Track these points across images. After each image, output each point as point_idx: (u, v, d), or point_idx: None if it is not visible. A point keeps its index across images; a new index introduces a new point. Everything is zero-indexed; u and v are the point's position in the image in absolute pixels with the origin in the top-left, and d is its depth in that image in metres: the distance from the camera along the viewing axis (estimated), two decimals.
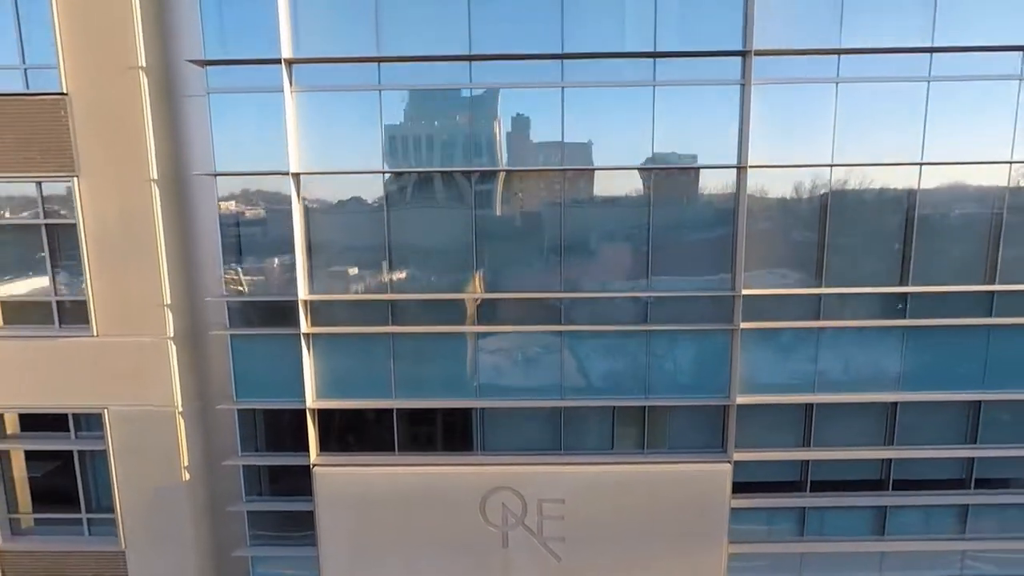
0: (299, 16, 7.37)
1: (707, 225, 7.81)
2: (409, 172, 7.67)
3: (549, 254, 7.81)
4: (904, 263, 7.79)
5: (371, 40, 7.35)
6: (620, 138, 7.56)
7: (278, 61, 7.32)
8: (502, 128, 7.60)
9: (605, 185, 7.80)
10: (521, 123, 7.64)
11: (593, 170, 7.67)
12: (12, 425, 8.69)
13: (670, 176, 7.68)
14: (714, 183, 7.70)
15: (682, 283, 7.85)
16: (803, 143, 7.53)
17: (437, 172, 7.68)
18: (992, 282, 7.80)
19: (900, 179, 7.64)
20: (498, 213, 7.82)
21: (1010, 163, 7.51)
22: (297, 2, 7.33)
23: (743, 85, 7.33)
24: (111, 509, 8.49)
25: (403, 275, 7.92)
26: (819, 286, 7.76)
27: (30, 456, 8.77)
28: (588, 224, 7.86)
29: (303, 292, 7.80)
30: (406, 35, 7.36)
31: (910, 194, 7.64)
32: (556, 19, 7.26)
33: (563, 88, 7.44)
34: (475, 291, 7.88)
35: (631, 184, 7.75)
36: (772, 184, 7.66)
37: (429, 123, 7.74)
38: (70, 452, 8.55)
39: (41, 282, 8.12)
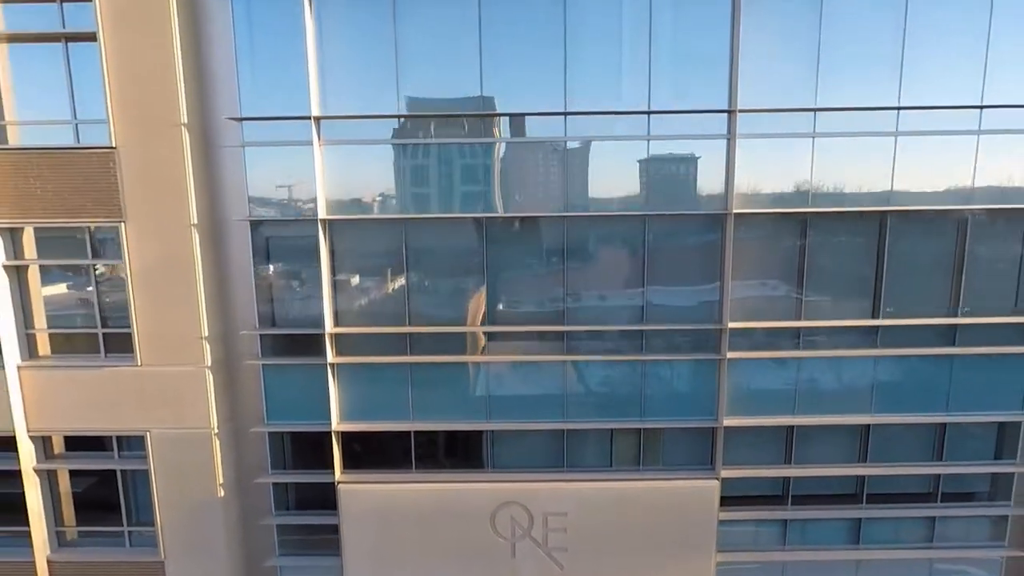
0: (326, 76, 8.13)
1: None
2: (427, 218, 8.43)
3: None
4: (876, 297, 8.59)
5: (392, 97, 8.12)
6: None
7: (308, 118, 8.09)
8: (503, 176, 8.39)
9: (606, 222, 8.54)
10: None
11: (596, 216, 8.44)
12: (58, 445, 9.44)
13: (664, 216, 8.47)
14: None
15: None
16: (785, 181, 8.31)
17: (453, 218, 8.45)
18: (955, 315, 8.61)
19: (871, 223, 8.45)
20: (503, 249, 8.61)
21: (971, 209, 8.31)
22: (325, 63, 8.09)
23: (729, 139, 8.12)
24: (151, 522, 9.25)
25: (420, 309, 8.69)
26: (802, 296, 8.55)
27: (72, 472, 9.53)
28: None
29: (329, 326, 8.56)
30: (423, 92, 8.14)
31: (880, 239, 8.44)
32: (560, 80, 8.04)
33: (566, 142, 8.24)
34: (484, 321, 8.66)
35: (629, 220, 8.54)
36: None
37: (446, 169, 8.48)
38: (110, 470, 9.32)
39: (88, 315, 8.88)
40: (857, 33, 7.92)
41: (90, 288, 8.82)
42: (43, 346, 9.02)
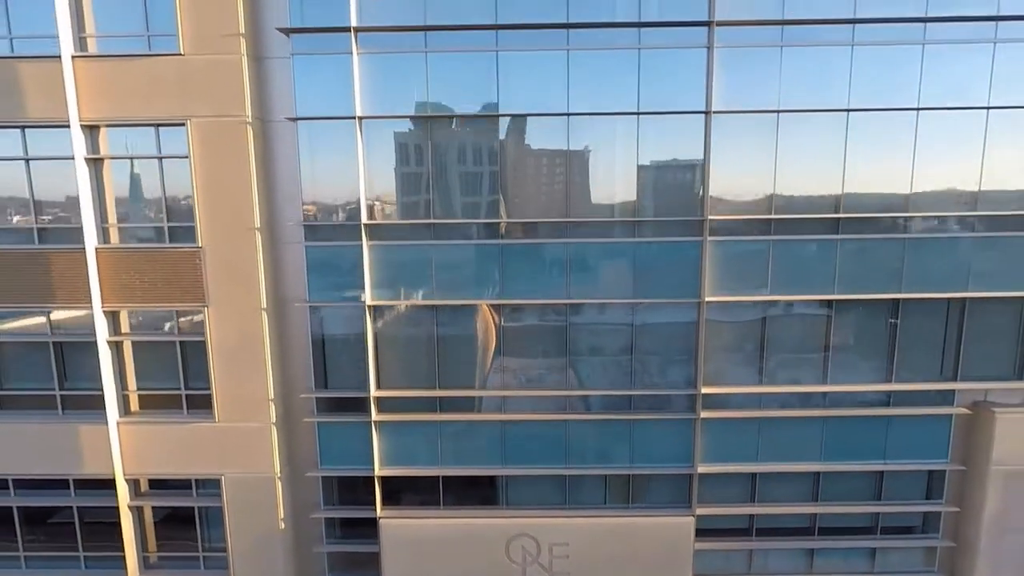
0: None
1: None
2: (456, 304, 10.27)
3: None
4: (824, 369, 10.41)
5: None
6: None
7: (357, 223, 9.93)
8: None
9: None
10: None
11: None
12: (144, 485, 11.32)
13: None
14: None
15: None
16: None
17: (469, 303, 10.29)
18: (890, 381, 10.42)
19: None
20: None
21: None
22: (372, 179, 9.92)
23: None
24: (221, 548, 11.14)
25: (446, 378, 10.54)
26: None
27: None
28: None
29: (373, 390, 10.42)
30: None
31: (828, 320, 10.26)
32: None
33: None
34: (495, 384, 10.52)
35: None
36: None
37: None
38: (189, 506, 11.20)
39: (174, 379, 10.76)
40: None
41: (174, 356, 10.69)
42: (134, 404, 10.91)
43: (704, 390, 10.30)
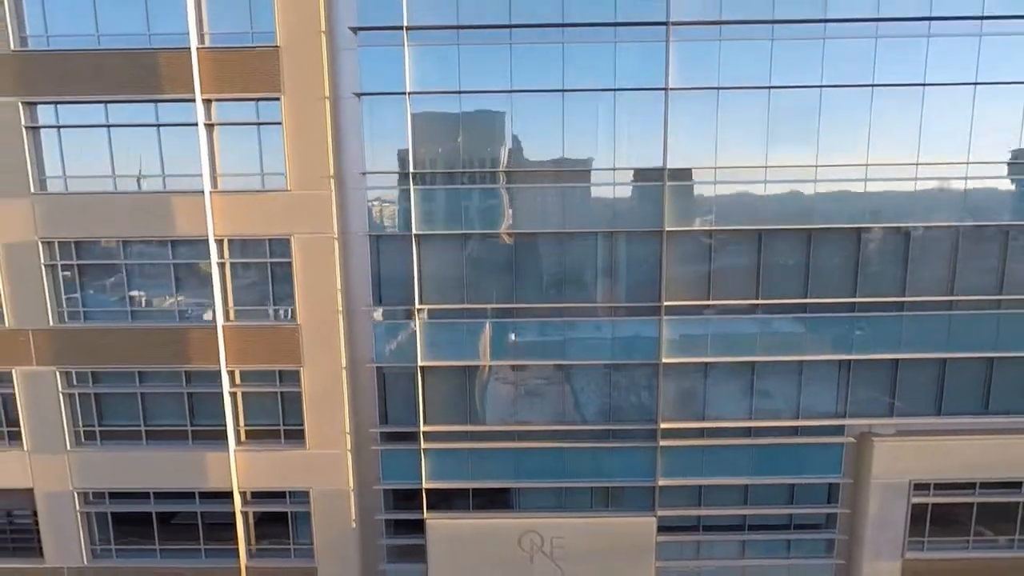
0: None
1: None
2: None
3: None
4: (751, 396, 14.32)
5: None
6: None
7: (410, 308, 13.79)
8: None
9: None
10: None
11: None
12: (249, 495, 15.17)
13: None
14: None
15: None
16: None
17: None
18: (798, 417, 14.33)
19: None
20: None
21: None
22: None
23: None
24: (307, 542, 15.03)
25: (478, 413, 14.44)
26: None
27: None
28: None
29: (422, 426, 14.30)
30: None
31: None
32: None
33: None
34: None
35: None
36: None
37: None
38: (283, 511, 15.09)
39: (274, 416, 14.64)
40: None
41: (275, 402, 14.57)
42: (243, 436, 14.78)
43: (663, 425, 14.21)
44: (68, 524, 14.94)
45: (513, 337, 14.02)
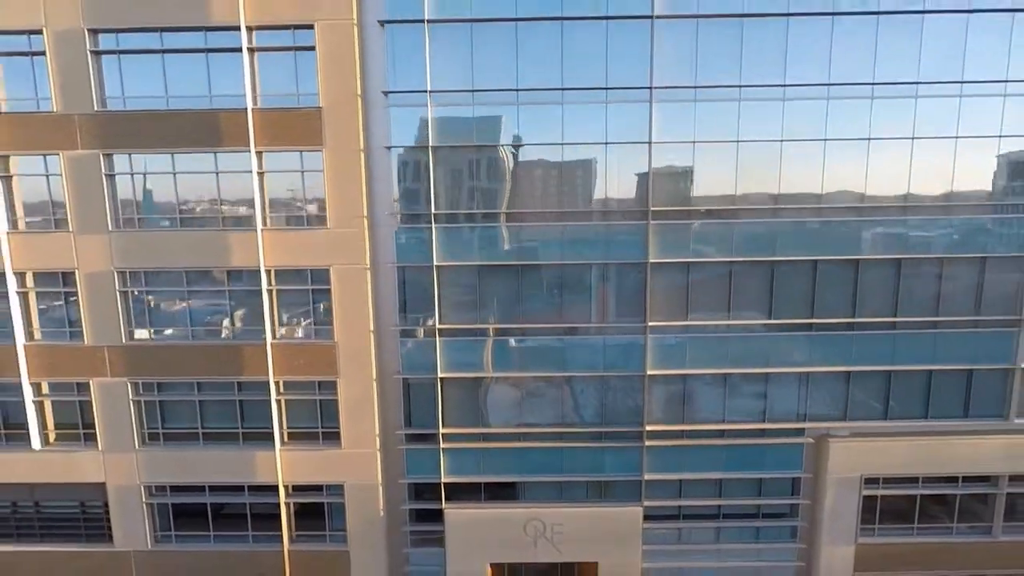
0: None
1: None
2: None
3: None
4: (724, 404, 16.64)
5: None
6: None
7: (434, 327, 16.13)
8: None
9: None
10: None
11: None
12: (290, 489, 17.49)
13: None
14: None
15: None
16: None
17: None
18: (764, 421, 16.64)
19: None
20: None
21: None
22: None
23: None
24: (341, 528, 17.37)
25: (489, 416, 16.76)
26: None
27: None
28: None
29: (441, 428, 16.62)
30: None
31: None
32: None
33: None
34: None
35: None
36: None
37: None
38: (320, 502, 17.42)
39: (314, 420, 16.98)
40: None
41: (314, 408, 16.90)
42: (286, 437, 17.12)
43: (648, 427, 16.53)
44: (135, 513, 17.30)
45: (517, 352, 16.35)
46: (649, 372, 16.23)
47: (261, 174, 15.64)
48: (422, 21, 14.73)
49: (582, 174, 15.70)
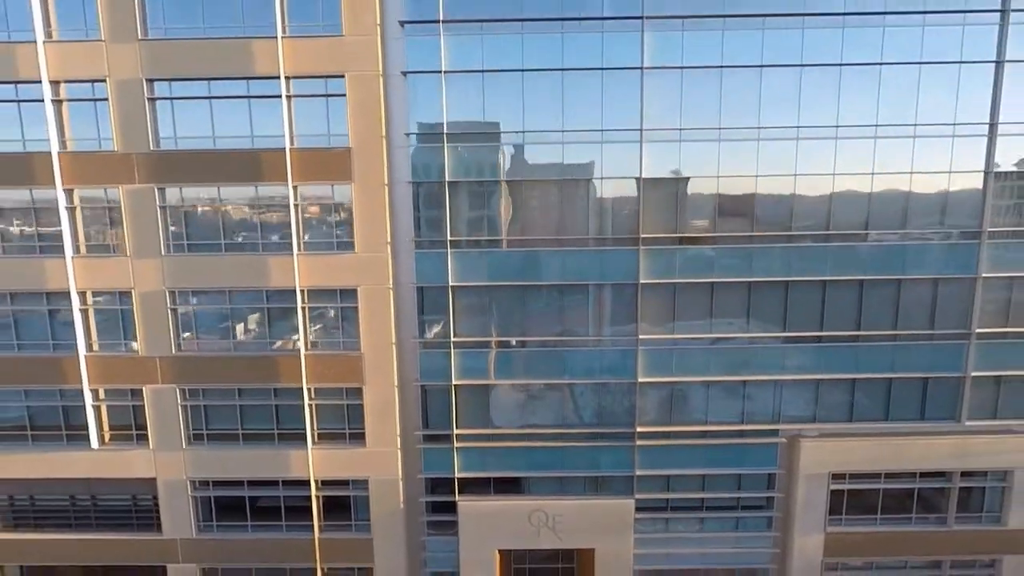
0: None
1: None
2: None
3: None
4: (707, 407, 18.69)
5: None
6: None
7: (448, 340, 18.19)
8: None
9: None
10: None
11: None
12: (320, 484, 19.54)
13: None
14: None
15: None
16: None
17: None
18: (743, 423, 18.68)
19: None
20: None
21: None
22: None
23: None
24: (365, 519, 19.43)
25: (496, 418, 18.81)
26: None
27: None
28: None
29: (455, 429, 18.67)
30: None
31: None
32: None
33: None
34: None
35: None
36: None
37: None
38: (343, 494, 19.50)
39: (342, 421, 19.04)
40: None
41: (342, 411, 18.96)
42: (316, 437, 19.16)
43: (639, 428, 18.59)
44: (181, 505, 19.38)
45: (523, 363, 18.43)
46: (640, 380, 18.26)
47: (297, 205, 17.68)
48: (439, 72, 16.77)
49: (580, 198, 17.73)
